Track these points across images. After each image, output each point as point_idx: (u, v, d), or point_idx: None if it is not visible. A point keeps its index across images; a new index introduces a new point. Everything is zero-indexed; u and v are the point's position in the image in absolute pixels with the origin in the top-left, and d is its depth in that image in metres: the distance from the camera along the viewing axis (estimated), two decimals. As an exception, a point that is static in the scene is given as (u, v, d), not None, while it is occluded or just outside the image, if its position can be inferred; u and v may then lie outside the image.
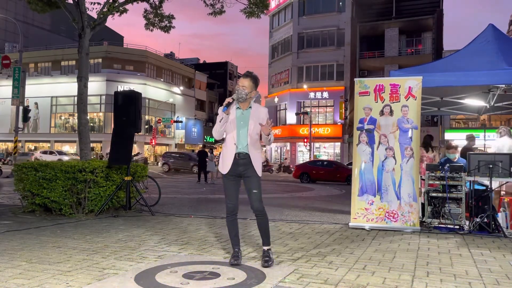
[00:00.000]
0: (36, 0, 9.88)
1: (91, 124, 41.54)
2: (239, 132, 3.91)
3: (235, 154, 3.89)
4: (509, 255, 4.66)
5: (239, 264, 3.87)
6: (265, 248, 3.96)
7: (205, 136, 54.56)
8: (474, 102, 8.98)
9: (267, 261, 3.87)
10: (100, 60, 45.00)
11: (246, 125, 3.92)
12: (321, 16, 38.88)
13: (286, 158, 39.75)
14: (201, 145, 20.92)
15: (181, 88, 52.43)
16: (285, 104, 40.76)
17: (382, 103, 6.42)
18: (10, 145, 42.92)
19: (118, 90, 10.69)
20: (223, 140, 4.03)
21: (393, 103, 6.38)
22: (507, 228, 6.03)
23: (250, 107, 3.97)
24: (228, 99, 3.86)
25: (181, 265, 3.88)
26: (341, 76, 38.17)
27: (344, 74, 38.02)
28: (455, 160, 7.13)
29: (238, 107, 3.97)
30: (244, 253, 4.34)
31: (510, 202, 6.25)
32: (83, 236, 5.23)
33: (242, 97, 3.87)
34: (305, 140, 36.35)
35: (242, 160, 3.88)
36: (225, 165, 3.94)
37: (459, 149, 7.70)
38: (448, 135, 30.33)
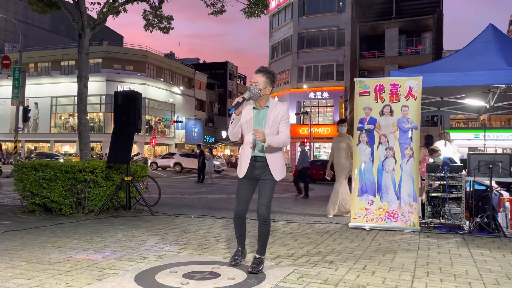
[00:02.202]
0: (37, 1, 9.89)
1: (91, 124, 41.54)
2: None
3: (251, 157, 3.68)
4: (509, 255, 4.66)
5: (239, 264, 3.86)
6: (258, 256, 3.71)
7: (205, 136, 54.53)
8: (474, 102, 8.98)
9: (254, 268, 3.60)
10: (100, 60, 44.95)
11: (263, 126, 3.66)
12: (321, 16, 38.87)
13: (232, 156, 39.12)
14: (198, 145, 20.76)
15: (181, 88, 52.38)
16: (285, 104, 40.70)
17: (382, 103, 6.42)
18: (10, 145, 42.87)
19: (118, 90, 10.70)
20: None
21: (393, 103, 6.38)
22: (507, 228, 6.04)
23: (267, 106, 3.71)
24: (237, 99, 3.56)
25: (181, 265, 3.87)
26: (341, 76, 38.16)
27: (344, 74, 38.01)
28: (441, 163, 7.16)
29: (254, 107, 3.73)
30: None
31: (510, 202, 6.25)
32: (83, 236, 5.23)
33: (255, 95, 3.61)
34: (305, 140, 36.34)
35: (258, 163, 3.67)
36: (241, 169, 3.73)
37: (440, 152, 7.84)
38: (448, 135, 30.23)
